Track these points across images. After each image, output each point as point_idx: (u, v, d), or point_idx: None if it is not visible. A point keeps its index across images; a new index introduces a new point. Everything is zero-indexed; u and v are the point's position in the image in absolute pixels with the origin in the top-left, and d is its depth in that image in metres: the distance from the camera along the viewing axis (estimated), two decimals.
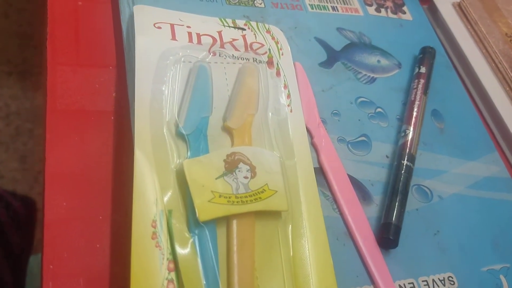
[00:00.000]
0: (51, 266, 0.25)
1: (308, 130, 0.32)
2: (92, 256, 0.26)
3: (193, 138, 0.28)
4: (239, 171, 0.27)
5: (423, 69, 0.38)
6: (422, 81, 0.37)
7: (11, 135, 1.09)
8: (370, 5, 0.42)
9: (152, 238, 0.24)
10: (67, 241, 0.26)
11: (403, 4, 0.44)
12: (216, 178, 0.26)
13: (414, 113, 0.35)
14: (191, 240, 0.25)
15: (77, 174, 0.28)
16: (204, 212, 0.25)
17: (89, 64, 0.33)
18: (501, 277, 0.31)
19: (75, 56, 0.33)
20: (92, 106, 0.31)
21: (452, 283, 0.29)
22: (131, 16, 0.33)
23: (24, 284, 0.65)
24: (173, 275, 0.24)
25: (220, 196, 0.26)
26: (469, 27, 0.44)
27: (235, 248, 0.25)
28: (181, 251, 0.24)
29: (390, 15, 0.42)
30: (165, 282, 0.23)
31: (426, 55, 0.39)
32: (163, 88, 0.29)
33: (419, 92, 0.36)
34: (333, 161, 0.32)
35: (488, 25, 0.44)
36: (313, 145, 0.32)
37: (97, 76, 0.33)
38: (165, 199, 0.26)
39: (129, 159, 0.29)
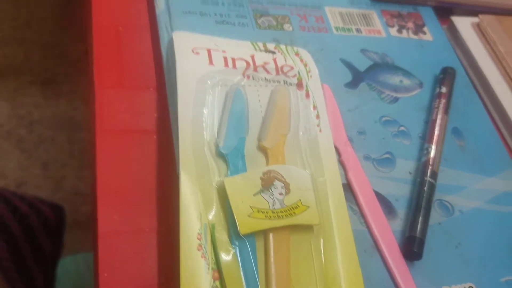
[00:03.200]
0: (106, 274, 0.28)
1: (336, 149, 0.34)
2: (141, 266, 0.29)
3: (232, 157, 0.30)
4: (274, 188, 0.29)
5: (444, 89, 0.40)
6: (443, 100, 0.39)
7: (33, 143, 1.12)
8: (392, 26, 0.44)
9: (198, 250, 0.27)
10: (119, 252, 0.29)
11: (423, 25, 0.46)
12: (254, 195, 0.29)
13: (436, 132, 0.37)
14: (233, 251, 0.27)
15: (125, 190, 0.31)
16: (244, 226, 0.27)
17: (131, 86, 0.36)
18: None
19: (119, 78, 0.36)
20: (135, 126, 0.34)
21: None
22: (170, 41, 0.35)
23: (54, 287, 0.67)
24: (217, 283, 0.26)
25: (258, 211, 0.28)
26: (488, 47, 0.46)
27: (272, 259, 0.28)
28: (224, 261, 0.27)
29: (411, 35, 0.45)
30: None
31: (446, 76, 0.41)
32: (204, 111, 0.32)
33: (440, 111, 0.38)
34: (360, 178, 0.34)
35: (507, 45, 0.46)
36: (341, 162, 0.34)
37: (140, 98, 0.35)
38: (208, 214, 0.28)
39: (171, 175, 0.32)
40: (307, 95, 0.36)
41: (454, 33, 0.47)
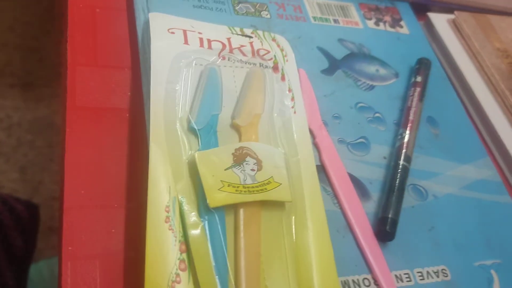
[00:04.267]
0: (70, 248, 0.27)
1: (310, 131, 0.34)
2: (108, 240, 0.28)
3: (204, 133, 0.30)
4: (246, 163, 0.29)
5: (419, 78, 0.40)
6: (418, 89, 0.39)
7: (12, 146, 1.10)
8: (370, 19, 0.45)
9: (166, 222, 0.26)
10: (85, 226, 0.28)
11: (400, 19, 0.46)
12: (225, 169, 0.28)
13: (411, 118, 0.37)
14: (201, 224, 0.27)
15: (94, 165, 0.30)
16: (214, 199, 0.27)
17: (106, 65, 0.35)
18: (492, 271, 0.32)
19: (93, 57, 0.35)
20: (108, 104, 0.33)
21: (446, 275, 0.31)
22: (147, 22, 0.35)
23: None
24: (184, 256, 0.26)
25: (229, 185, 0.28)
26: (463, 42, 0.47)
27: (241, 234, 0.27)
28: (192, 234, 0.26)
29: (388, 28, 0.45)
30: (177, 261, 0.25)
31: (422, 66, 0.41)
32: (176, 88, 0.32)
33: (415, 99, 0.38)
34: (334, 160, 0.33)
35: (481, 40, 0.47)
36: (315, 144, 0.34)
37: (113, 77, 0.35)
38: (178, 187, 0.27)
39: (141, 152, 0.31)
40: (283, 78, 0.35)
41: (430, 28, 0.48)
